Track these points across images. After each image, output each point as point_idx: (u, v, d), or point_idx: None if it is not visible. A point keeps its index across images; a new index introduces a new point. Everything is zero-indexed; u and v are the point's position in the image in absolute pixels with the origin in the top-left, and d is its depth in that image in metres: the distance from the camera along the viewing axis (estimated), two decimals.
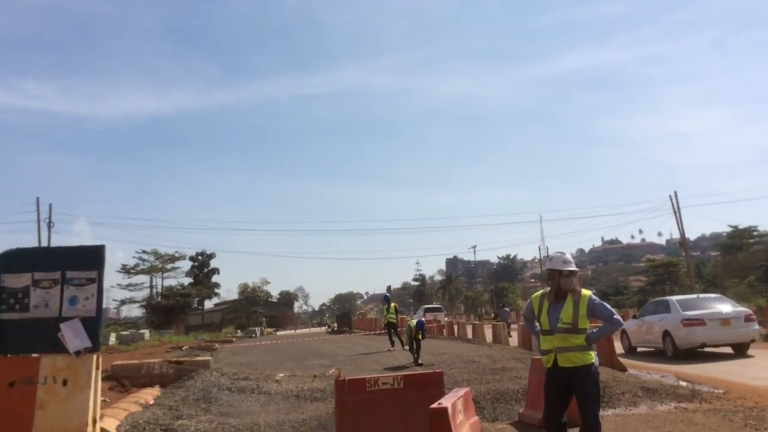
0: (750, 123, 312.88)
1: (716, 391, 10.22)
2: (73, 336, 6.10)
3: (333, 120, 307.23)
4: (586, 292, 5.46)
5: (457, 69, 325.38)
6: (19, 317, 6.29)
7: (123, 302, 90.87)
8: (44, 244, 46.99)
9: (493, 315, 49.91)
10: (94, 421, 6.11)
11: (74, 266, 6.32)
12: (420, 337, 16.13)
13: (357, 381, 7.40)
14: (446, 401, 4.04)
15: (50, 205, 47.55)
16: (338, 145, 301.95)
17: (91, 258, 6.46)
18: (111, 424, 9.46)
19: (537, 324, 5.62)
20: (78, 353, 6.10)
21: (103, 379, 14.88)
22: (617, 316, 5.38)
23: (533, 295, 5.84)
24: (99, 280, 6.33)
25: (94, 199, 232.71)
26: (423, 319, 16.21)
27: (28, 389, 6.00)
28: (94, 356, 6.16)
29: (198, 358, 17.21)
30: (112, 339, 45.75)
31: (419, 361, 15.65)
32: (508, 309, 39.82)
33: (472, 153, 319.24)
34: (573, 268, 5.44)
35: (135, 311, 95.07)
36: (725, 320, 15.35)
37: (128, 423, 9.78)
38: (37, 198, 47.13)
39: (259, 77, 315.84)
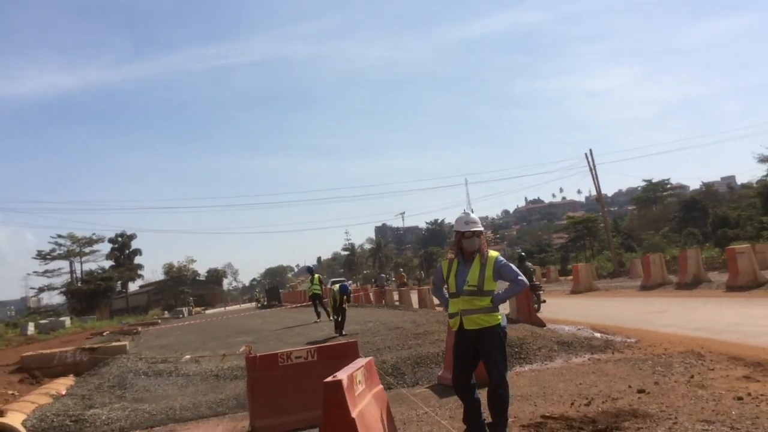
0: (660, 77, 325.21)
1: (628, 340, 10.55)
2: None
3: (252, 91, 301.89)
4: (493, 253, 5.40)
5: (375, 35, 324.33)
6: None
7: (41, 290, 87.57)
8: None
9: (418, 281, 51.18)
10: None
11: None
12: (345, 303, 15.97)
13: (269, 357, 7.22)
14: (342, 373, 3.90)
15: None
16: (258, 117, 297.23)
17: None
18: (16, 418, 9.01)
19: (446, 287, 5.55)
20: None
21: (12, 372, 14.30)
22: (522, 278, 5.32)
23: (443, 260, 5.76)
24: None
25: (4, 183, 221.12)
26: (346, 283, 16.03)
27: None
28: None
29: (114, 344, 16.64)
30: (31, 328, 44.03)
31: (343, 332, 15.55)
32: (384, 276, 44.27)
33: (394, 119, 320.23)
34: (476, 228, 5.34)
35: (56, 298, 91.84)
36: None
37: (35, 416, 9.36)
38: None
39: (173, 50, 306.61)
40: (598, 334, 11.63)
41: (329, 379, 3.76)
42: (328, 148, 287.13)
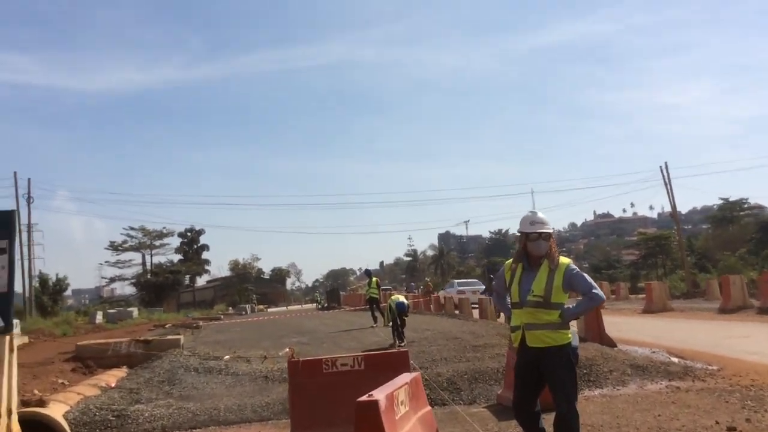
0: (738, 94, 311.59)
1: (710, 368, 9.58)
2: None
3: (321, 93, 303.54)
4: (564, 260, 4.69)
5: (444, 41, 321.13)
6: None
7: (113, 279, 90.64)
8: (23, 219, 45.97)
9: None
10: (9, 412, 5.39)
11: None
12: (404, 318, 15.35)
13: (312, 362, 6.72)
14: (380, 392, 3.34)
15: (29, 179, 46.31)
16: (327, 119, 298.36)
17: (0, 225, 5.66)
18: (59, 410, 8.77)
19: (508, 297, 4.88)
20: None
21: (67, 360, 14.33)
22: (597, 291, 4.59)
23: (506, 263, 5.07)
24: (10, 251, 5.55)
25: (80, 175, 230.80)
26: (404, 301, 15.41)
27: None
28: (7, 338, 5.41)
29: (169, 337, 16.54)
30: (99, 317, 45.27)
31: (403, 341, 14.86)
32: (413, 284, 44.98)
33: (461, 126, 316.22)
34: (544, 230, 4.64)
35: (127, 289, 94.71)
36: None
37: (79, 409, 9.14)
38: (15, 172, 45.83)
39: (246, 50, 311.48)
40: (675, 359, 10.64)
41: (364, 398, 3.22)
42: (393, 152, 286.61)
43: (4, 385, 5.34)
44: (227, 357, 13.74)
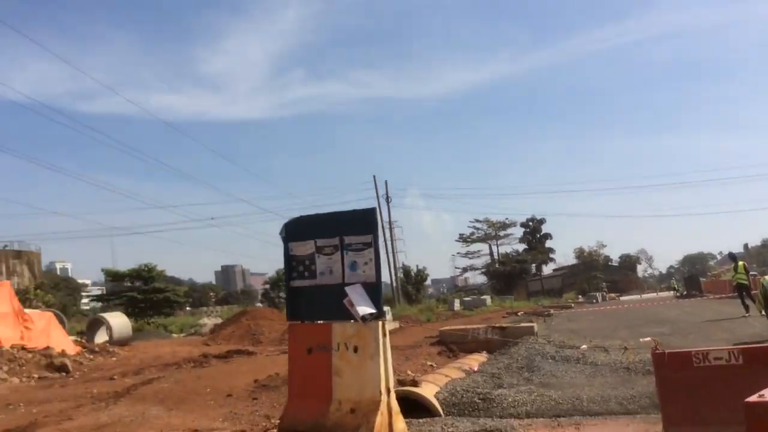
0: None
1: None
2: (358, 302, 5.94)
3: (658, 66, 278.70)
4: None
5: None
6: (308, 284, 6.38)
7: (465, 270, 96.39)
8: (384, 217, 51.34)
9: None
10: (388, 391, 5.89)
11: (351, 231, 6.19)
12: None
13: (680, 355, 6.02)
14: None
15: (386, 181, 51.93)
16: (669, 92, 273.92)
17: (364, 222, 6.27)
18: (430, 390, 9.42)
19: None
20: (364, 319, 5.92)
21: (432, 344, 15.45)
22: None
23: None
24: (375, 244, 6.09)
25: (428, 174, 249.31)
26: None
27: (324, 355, 6.02)
28: (380, 323, 5.92)
29: (523, 325, 16.79)
30: (457, 305, 48.43)
31: None
32: None
33: None
34: None
35: (478, 278, 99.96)
36: None
37: (447, 390, 9.67)
38: (374, 176, 51.70)
39: (570, 34, 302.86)
40: None
41: (753, 398, 2.67)
42: (748, 122, 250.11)
43: (381, 365, 5.84)
44: (584, 346, 13.38)
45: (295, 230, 6.62)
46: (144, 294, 48.89)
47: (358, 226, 6.24)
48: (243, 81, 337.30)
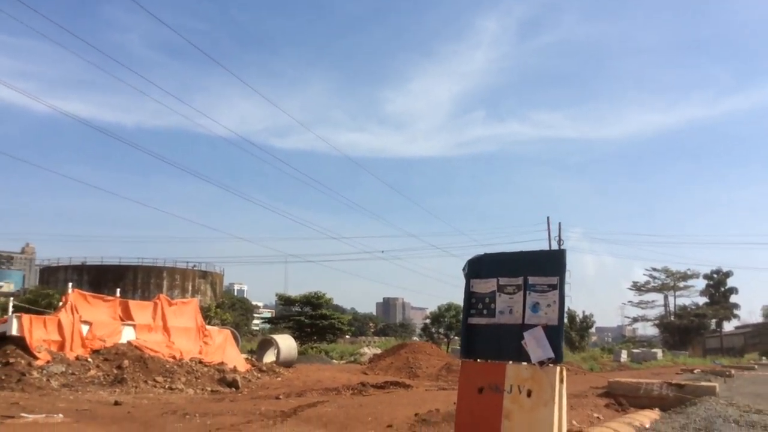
0: None
1: None
2: (536, 345, 5.77)
3: None
4: None
5: None
6: (486, 322, 6.29)
7: (635, 320, 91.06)
8: None
9: None
10: None
11: (536, 272, 6.05)
12: None
13: None
14: None
15: (559, 223, 50.71)
16: None
17: (552, 263, 6.11)
18: None
19: None
20: (541, 363, 5.74)
21: (599, 395, 14.64)
22: None
23: None
24: (561, 287, 5.90)
25: (603, 217, 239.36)
26: None
27: (495, 396, 5.90)
28: (557, 368, 5.70)
29: (703, 383, 15.44)
30: (624, 356, 45.90)
31: None
32: None
33: None
34: None
35: (649, 329, 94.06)
36: None
37: None
38: (548, 217, 50.76)
39: None
40: None
41: None
42: None
43: (555, 413, 5.62)
44: None
45: (478, 267, 6.60)
46: (311, 319, 51.04)
47: (544, 266, 6.10)
48: (424, 120, 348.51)
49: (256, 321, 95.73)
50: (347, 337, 69.17)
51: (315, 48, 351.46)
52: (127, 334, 18.53)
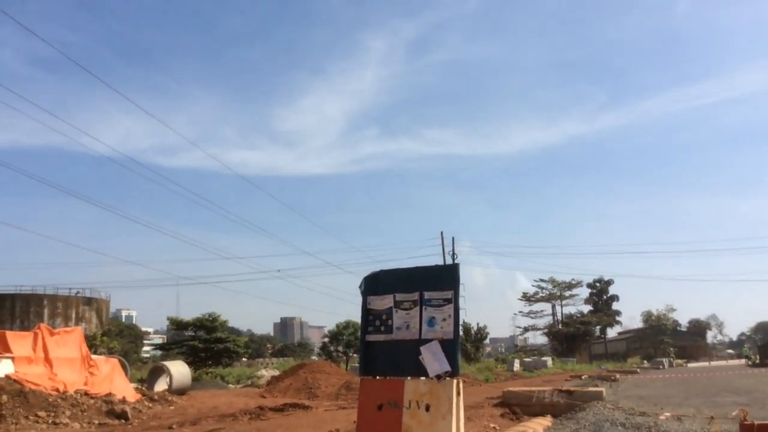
0: None
1: None
2: (433, 359, 5.85)
3: (737, 128, 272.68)
4: None
5: None
6: (384, 339, 6.33)
7: (526, 329, 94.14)
8: None
9: None
10: None
11: (431, 286, 6.15)
12: None
13: None
14: None
15: (453, 238, 51.60)
16: (741, 155, 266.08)
17: (447, 277, 6.22)
18: None
19: None
20: (438, 377, 5.82)
21: (495, 405, 15.02)
22: None
23: None
24: (455, 300, 6.02)
25: (495, 231, 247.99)
26: None
27: (395, 413, 5.92)
28: (455, 381, 5.80)
29: (590, 389, 16.18)
30: (517, 365, 47.36)
31: None
32: None
33: None
34: None
35: (539, 338, 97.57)
36: None
37: None
38: (441, 232, 51.60)
39: (648, 94, 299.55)
40: None
41: None
42: None
43: (453, 425, 5.70)
44: (667, 415, 12.78)
45: (374, 284, 6.62)
46: (205, 343, 49.37)
47: (439, 281, 6.20)
48: (317, 138, 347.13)
49: (146, 348, 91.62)
50: (244, 359, 67.51)
51: (201, 63, 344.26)
52: (5, 368, 17.22)
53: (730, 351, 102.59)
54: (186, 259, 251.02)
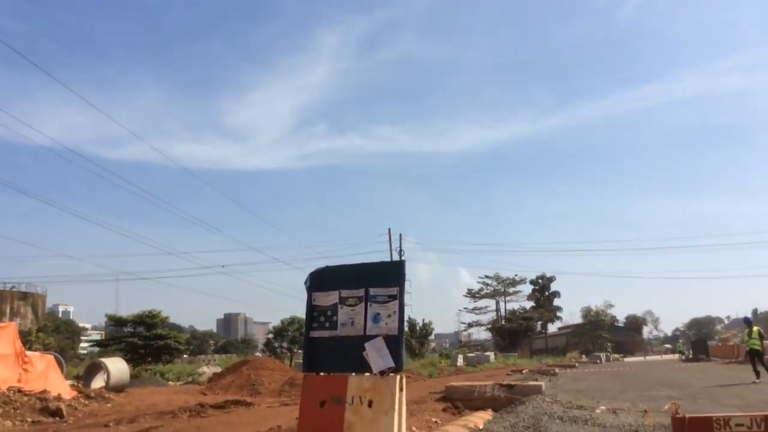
0: None
1: None
2: (377, 355, 5.87)
3: (675, 131, 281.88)
4: None
5: None
6: (329, 335, 6.31)
7: (470, 325, 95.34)
8: None
9: None
10: None
11: (377, 283, 6.16)
12: None
13: (701, 420, 5.95)
14: None
15: (400, 234, 51.98)
16: (682, 157, 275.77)
17: (393, 274, 6.25)
18: None
19: None
20: (382, 373, 5.84)
21: (437, 400, 15.16)
22: None
23: None
24: (400, 297, 6.05)
25: (442, 228, 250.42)
26: None
27: (337, 409, 5.91)
28: (398, 377, 5.82)
29: (530, 383, 16.52)
30: (460, 360, 47.86)
31: None
32: None
33: None
34: None
35: (483, 334, 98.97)
36: None
37: None
38: (389, 229, 51.85)
39: (593, 96, 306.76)
40: None
41: None
42: (763, 188, 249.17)
43: (395, 420, 5.72)
44: (603, 408, 13.10)
45: (319, 280, 6.59)
46: (145, 340, 48.38)
47: (385, 277, 6.22)
48: (266, 132, 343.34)
49: (83, 344, 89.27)
50: (185, 356, 66.42)
51: (147, 54, 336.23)
52: None
53: (667, 345, 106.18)
54: (127, 254, 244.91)
